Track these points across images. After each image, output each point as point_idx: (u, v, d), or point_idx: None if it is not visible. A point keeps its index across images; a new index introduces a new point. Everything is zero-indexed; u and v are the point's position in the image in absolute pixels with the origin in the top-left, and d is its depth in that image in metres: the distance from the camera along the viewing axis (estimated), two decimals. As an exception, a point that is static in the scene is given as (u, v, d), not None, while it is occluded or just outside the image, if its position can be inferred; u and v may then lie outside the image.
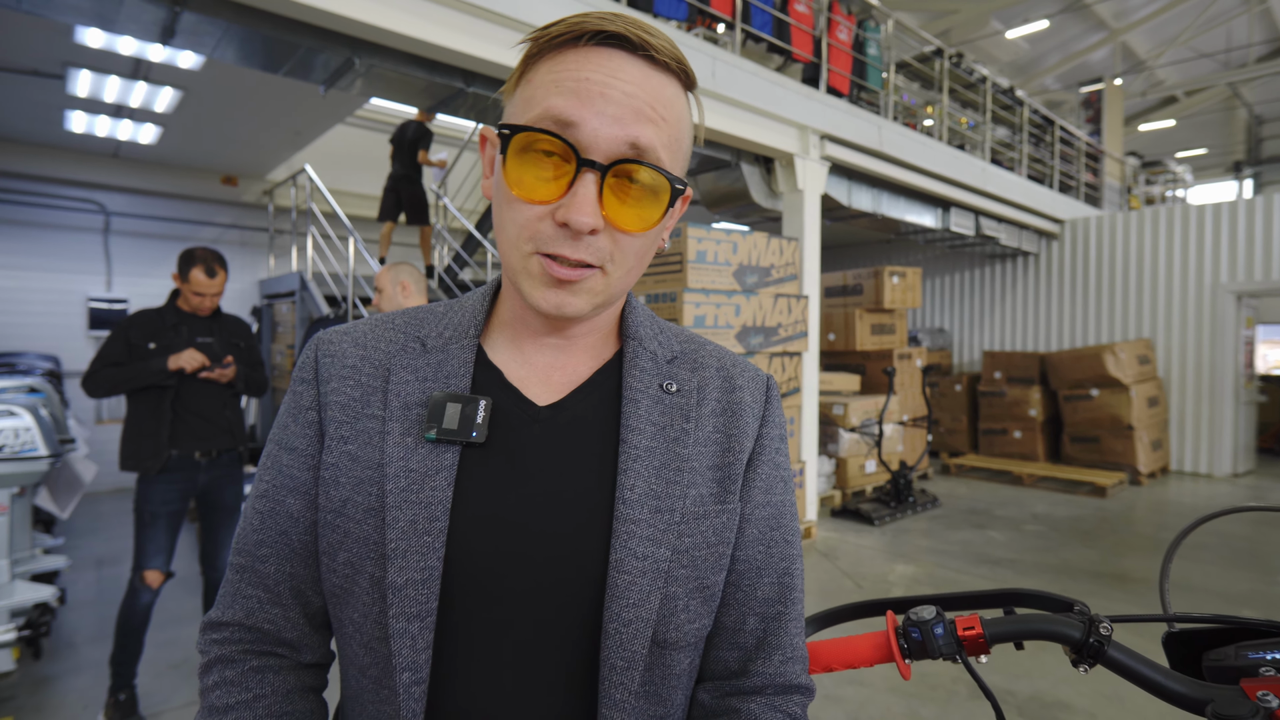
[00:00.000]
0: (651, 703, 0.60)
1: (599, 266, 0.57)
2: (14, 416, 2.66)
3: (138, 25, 3.24)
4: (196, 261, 2.72)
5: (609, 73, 0.54)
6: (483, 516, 0.59)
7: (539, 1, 3.80)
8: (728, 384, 0.67)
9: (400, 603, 0.56)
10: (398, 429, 0.60)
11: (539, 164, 0.55)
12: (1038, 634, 0.69)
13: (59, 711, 2.79)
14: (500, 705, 0.58)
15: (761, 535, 0.65)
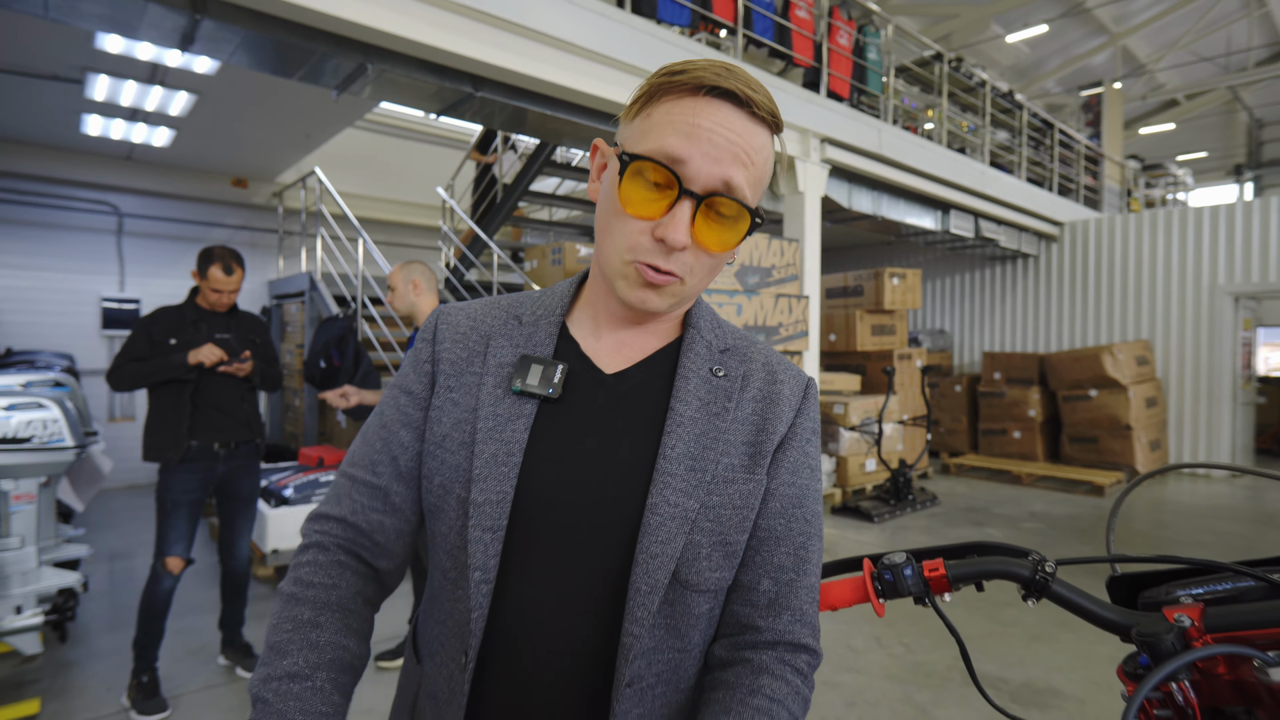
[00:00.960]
0: (672, 635, 0.70)
1: (679, 277, 0.69)
2: (43, 409, 2.77)
3: (158, 32, 3.36)
4: (215, 259, 2.83)
5: (716, 122, 0.65)
6: (550, 458, 0.71)
7: (546, 9, 3.91)
8: (770, 377, 0.78)
9: (478, 517, 0.69)
10: (491, 382, 0.74)
11: (648, 188, 0.67)
12: (993, 573, 0.79)
13: (83, 694, 2.90)
14: (547, 609, 0.69)
15: (783, 510, 0.74)
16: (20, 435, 2.73)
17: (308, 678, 0.66)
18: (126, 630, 3.52)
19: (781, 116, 0.70)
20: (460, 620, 0.71)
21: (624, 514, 0.70)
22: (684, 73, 0.67)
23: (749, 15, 5.30)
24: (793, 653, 0.71)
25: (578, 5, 4.08)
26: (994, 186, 7.66)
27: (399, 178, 8.52)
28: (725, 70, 0.67)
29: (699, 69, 0.67)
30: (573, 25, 4.06)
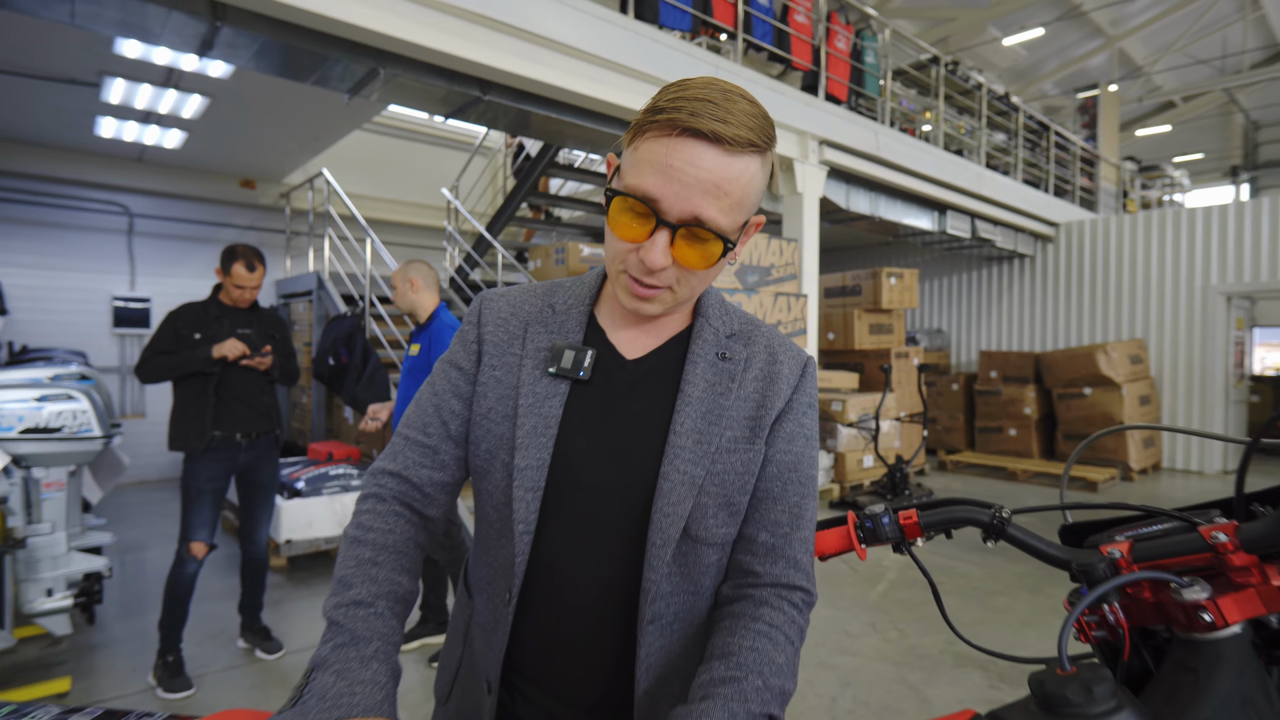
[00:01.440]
0: (686, 581, 0.82)
1: (668, 288, 0.79)
2: (73, 400, 2.89)
3: (179, 38, 3.49)
4: (238, 257, 2.95)
5: (687, 160, 0.71)
6: (580, 431, 0.83)
7: (552, 16, 4.04)
8: (771, 358, 0.89)
9: (521, 479, 0.81)
10: (530, 364, 0.86)
11: (631, 216, 0.76)
12: (958, 520, 0.91)
13: (109, 674, 3.02)
14: (579, 557, 0.82)
15: (779, 474, 0.85)
16: (51, 425, 2.85)
17: (370, 605, 0.78)
18: (147, 615, 3.64)
19: (767, 135, 0.76)
20: (505, 563, 0.83)
21: (642, 479, 0.81)
22: (663, 112, 0.72)
23: (748, 20, 5.43)
24: (789, 591, 0.82)
25: (582, 11, 4.21)
26: (990, 188, 7.79)
27: (404, 179, 8.65)
28: (703, 105, 0.71)
29: (676, 109, 0.71)
30: (577, 31, 4.18)
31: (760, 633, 0.77)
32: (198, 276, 7.33)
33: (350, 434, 6.17)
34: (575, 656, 0.84)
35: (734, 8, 5.27)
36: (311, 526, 4.37)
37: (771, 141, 0.77)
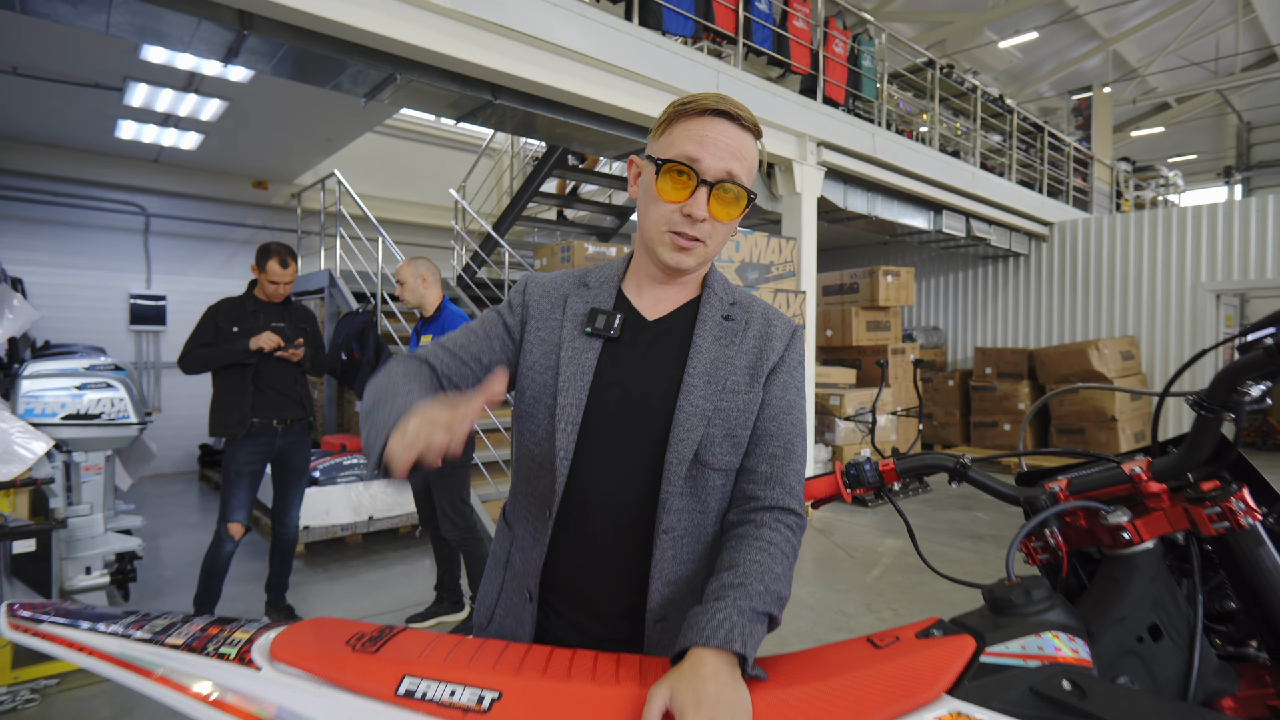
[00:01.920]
0: (695, 500, 1.00)
1: (703, 241, 0.99)
2: (111, 389, 3.06)
3: (207, 45, 3.66)
4: (273, 254, 3.13)
5: (718, 133, 0.96)
6: (611, 380, 1.02)
7: (560, 23, 4.21)
8: (767, 322, 1.08)
9: (563, 415, 0.99)
10: (570, 326, 1.04)
11: (675, 181, 0.96)
12: (927, 466, 1.08)
13: (144, 648, 3.19)
14: (608, 481, 1.00)
15: (775, 415, 1.04)
16: (91, 412, 3.02)
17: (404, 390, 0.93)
18: (171, 596, 3.82)
19: (759, 128, 1.01)
20: (546, 489, 1.01)
21: (661, 415, 1.00)
22: (693, 102, 0.98)
23: (748, 25, 5.60)
24: (785, 514, 1.00)
25: (589, 19, 4.38)
26: (984, 188, 7.96)
27: (412, 180, 8.82)
28: (720, 98, 0.97)
29: (703, 99, 0.97)
30: (584, 37, 4.35)
31: (761, 549, 0.94)
32: (212, 275, 7.50)
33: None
34: (602, 568, 1.01)
35: (734, 14, 5.43)
36: (329, 514, 4.54)
37: (760, 131, 1.02)
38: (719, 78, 5.11)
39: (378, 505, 4.77)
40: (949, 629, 0.86)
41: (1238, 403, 0.81)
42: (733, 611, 0.85)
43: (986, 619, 0.87)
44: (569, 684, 0.82)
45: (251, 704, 0.79)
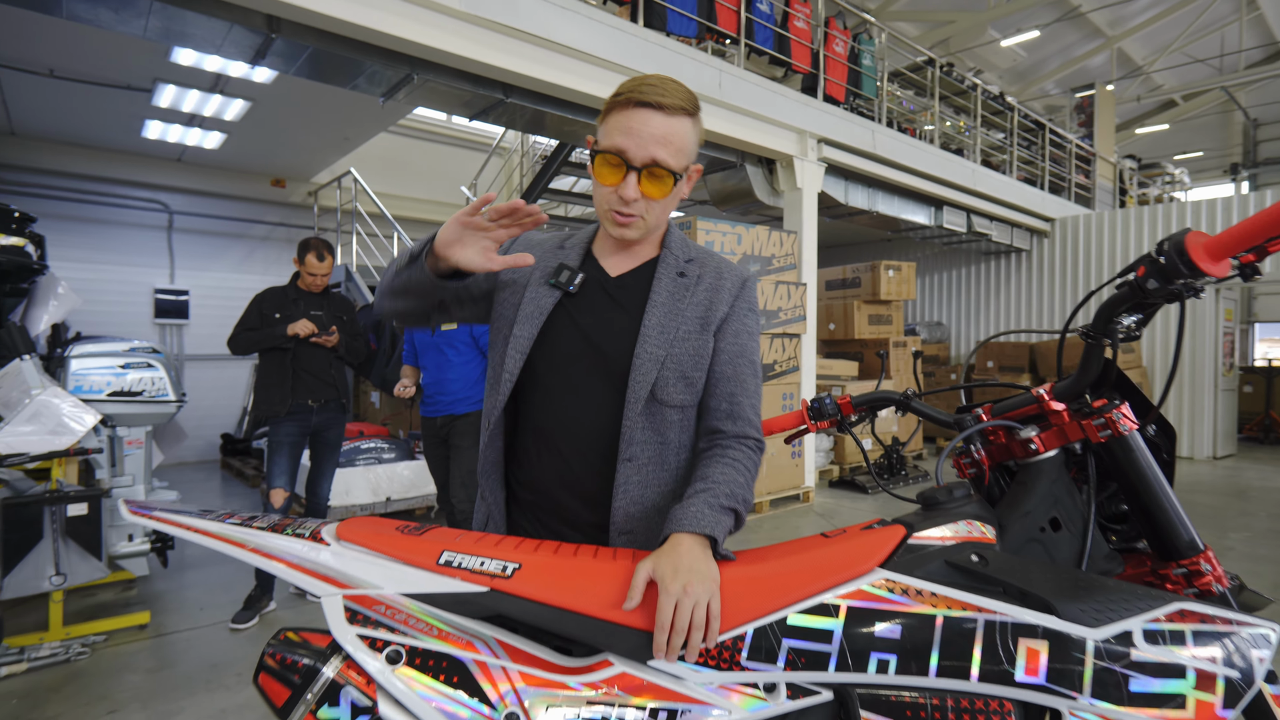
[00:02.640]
0: (654, 432, 1.16)
1: (640, 216, 1.13)
2: (152, 369, 3.29)
3: (237, 48, 3.89)
4: (311, 249, 3.36)
5: (641, 122, 1.06)
6: (568, 323, 1.18)
7: (569, 25, 4.41)
8: (718, 275, 1.24)
9: (514, 344, 1.16)
10: (537, 276, 1.21)
11: (609, 167, 1.09)
12: (878, 399, 1.27)
13: (180, 610, 3.42)
14: (572, 412, 1.17)
15: (730, 359, 1.20)
16: (134, 390, 3.25)
17: None
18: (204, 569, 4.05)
19: (693, 104, 1.11)
20: (491, 406, 1.20)
21: (620, 358, 1.16)
22: (621, 94, 1.08)
23: (750, 26, 5.79)
24: (744, 439, 1.17)
25: (596, 20, 4.58)
26: (984, 184, 8.11)
27: (424, 178, 9.06)
28: (648, 86, 1.06)
29: (629, 89, 1.07)
30: (592, 38, 4.55)
31: (726, 464, 1.12)
32: (232, 270, 7.76)
33: (376, 416, 6.57)
34: (574, 486, 1.18)
35: (737, 15, 5.63)
36: (349, 494, 4.76)
37: (697, 109, 1.14)
38: (721, 77, 5.30)
39: (395, 487, 4.99)
40: (886, 523, 1.05)
41: (1113, 331, 0.99)
42: (703, 505, 1.04)
43: (917, 514, 1.06)
44: (574, 560, 1.02)
45: (323, 569, 0.99)
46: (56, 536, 2.80)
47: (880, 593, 0.95)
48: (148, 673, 2.84)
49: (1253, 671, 0.87)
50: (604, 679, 0.93)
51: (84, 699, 2.63)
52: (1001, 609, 0.91)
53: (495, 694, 0.90)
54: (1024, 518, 1.05)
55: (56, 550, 2.79)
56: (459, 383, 3.39)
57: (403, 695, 0.88)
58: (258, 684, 0.92)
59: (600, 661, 0.95)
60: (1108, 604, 0.90)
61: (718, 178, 6.40)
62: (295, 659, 0.92)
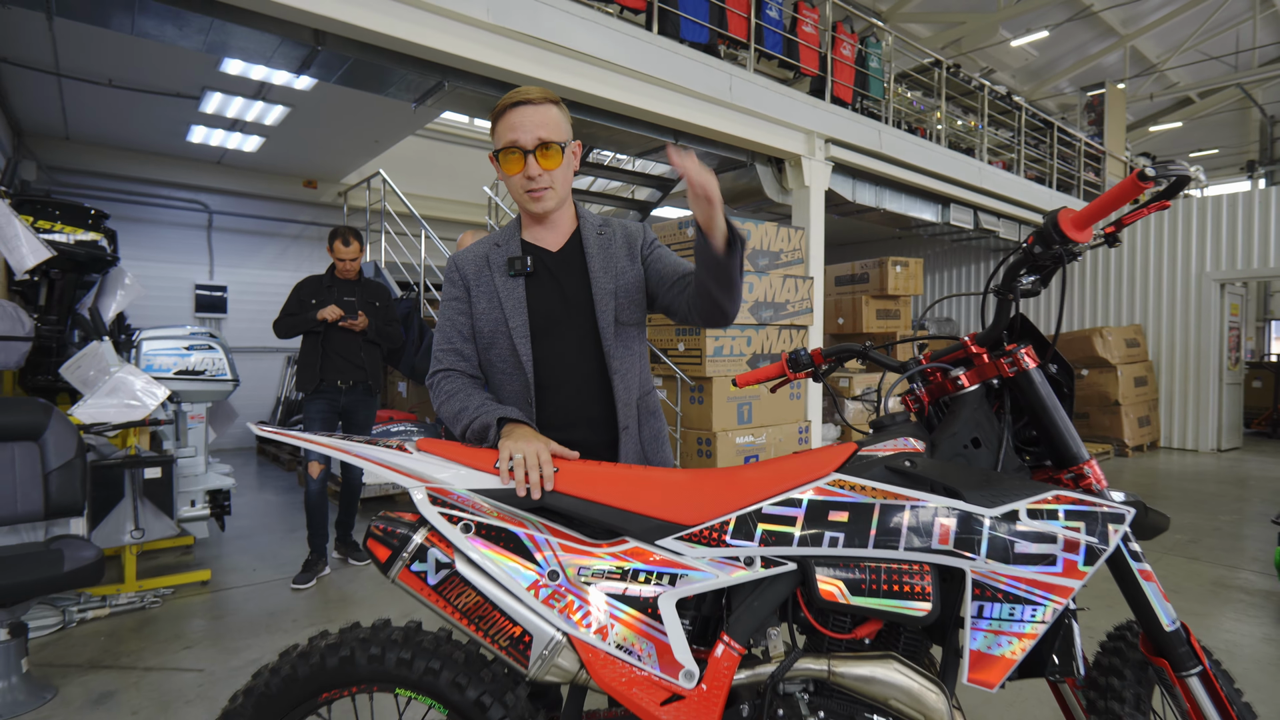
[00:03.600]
0: (625, 348, 1.52)
1: (549, 187, 1.46)
2: (212, 350, 3.64)
3: (284, 60, 4.23)
4: (336, 236, 3.68)
5: (520, 118, 1.41)
6: (540, 298, 1.50)
7: (588, 34, 4.72)
8: (625, 230, 1.58)
9: (516, 333, 1.48)
10: (498, 274, 1.51)
11: (511, 159, 1.43)
12: (844, 351, 1.56)
13: (236, 571, 3.77)
14: (569, 362, 1.49)
15: (663, 265, 1.54)
16: (197, 369, 3.61)
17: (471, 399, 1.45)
18: (253, 536, 4.41)
19: (552, 96, 1.44)
20: (521, 387, 1.50)
21: (586, 305, 1.50)
22: (499, 106, 1.44)
23: (760, 32, 6.07)
24: None
25: (613, 29, 4.89)
26: (991, 181, 8.32)
27: (447, 178, 9.42)
28: (516, 93, 1.43)
29: (503, 101, 1.43)
30: (610, 46, 4.86)
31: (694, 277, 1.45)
32: (266, 267, 8.16)
33: (404, 405, 6.93)
34: (581, 417, 1.52)
35: (747, 21, 5.91)
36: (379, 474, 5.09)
37: (558, 100, 1.46)
38: (732, 81, 5.58)
39: (424, 467, 5.33)
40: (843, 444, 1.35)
41: (1016, 288, 1.28)
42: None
43: (867, 436, 1.36)
44: (597, 468, 1.32)
45: (407, 469, 1.30)
46: (135, 496, 3.16)
47: (833, 489, 1.25)
48: (213, 619, 3.18)
49: (1108, 538, 1.15)
50: (623, 550, 1.23)
51: (161, 638, 2.98)
52: (923, 498, 1.20)
53: (541, 556, 1.21)
54: (951, 437, 1.33)
55: (135, 508, 3.14)
56: None
57: (474, 554, 1.19)
58: (366, 547, 1.24)
59: (619, 540, 1.25)
60: (1002, 492, 1.19)
61: (729, 177, 6.68)
62: (394, 529, 1.23)
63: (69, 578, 2.33)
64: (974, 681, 1.14)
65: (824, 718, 1.21)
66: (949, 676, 1.23)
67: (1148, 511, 1.42)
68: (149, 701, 2.45)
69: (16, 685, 2.38)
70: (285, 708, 1.27)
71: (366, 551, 1.24)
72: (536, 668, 1.17)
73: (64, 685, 2.55)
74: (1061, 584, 1.13)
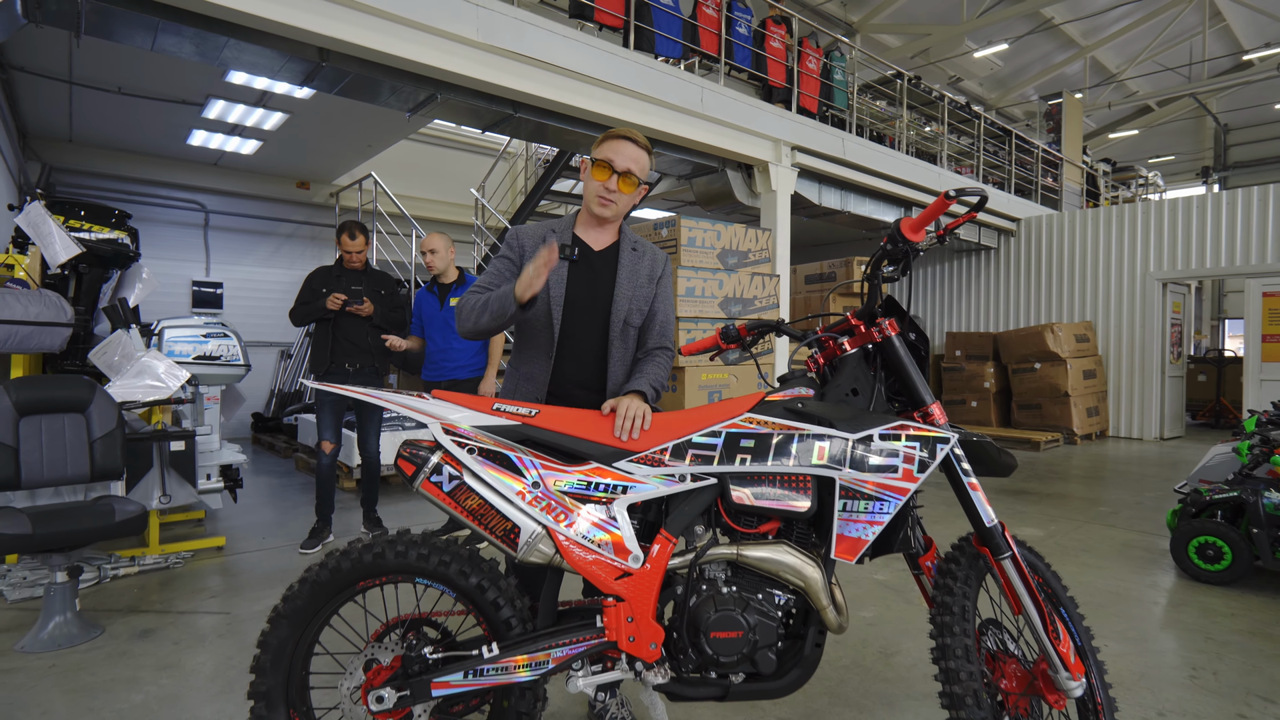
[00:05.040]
0: (624, 345, 1.95)
1: (615, 201, 1.92)
2: (227, 337, 4.02)
3: (290, 74, 4.62)
4: (343, 230, 4.05)
5: (623, 147, 1.87)
6: (575, 281, 1.94)
7: (570, 50, 5.15)
8: (653, 254, 2.03)
9: (554, 300, 1.91)
10: None
11: (602, 170, 1.89)
12: (764, 325, 2.00)
13: (247, 538, 4.15)
14: (583, 334, 1.93)
15: (661, 304, 1.99)
16: (213, 354, 3.98)
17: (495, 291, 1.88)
18: (259, 511, 4.78)
19: (648, 145, 1.91)
20: (546, 341, 1.93)
21: (606, 302, 1.93)
22: (613, 131, 1.90)
23: (730, 47, 6.52)
24: (662, 350, 1.94)
25: (593, 46, 5.32)
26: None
27: (434, 180, 9.79)
28: (629, 131, 1.88)
29: (618, 130, 1.88)
30: (590, 62, 5.29)
31: (653, 364, 1.89)
32: (260, 265, 8.49)
33: (396, 395, 7.29)
34: (583, 378, 1.94)
35: (718, 38, 6.36)
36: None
37: (651, 149, 1.92)
38: (703, 93, 6.03)
39: (416, 451, 5.73)
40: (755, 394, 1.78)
41: (881, 275, 1.72)
42: (640, 381, 1.80)
43: (774, 388, 1.79)
44: (569, 412, 1.75)
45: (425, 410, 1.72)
46: (163, 466, 3.53)
47: (744, 424, 1.68)
48: (232, 576, 3.57)
49: (936, 455, 1.60)
50: (588, 470, 1.66)
51: (187, 591, 3.36)
52: (809, 428, 1.64)
53: (527, 472, 1.63)
54: (835, 388, 1.78)
55: (163, 476, 3.52)
56: (465, 353, 3.96)
57: (477, 469, 1.61)
58: (396, 465, 1.66)
59: (585, 462, 1.68)
60: (864, 423, 1.63)
61: (703, 181, 7.13)
62: (417, 452, 1.65)
63: (119, 527, 2.71)
64: (839, 556, 1.58)
65: (735, 589, 1.64)
66: (827, 558, 1.67)
67: (1000, 452, 1.88)
68: (186, 635, 2.84)
69: (71, 621, 2.76)
70: (332, 592, 1.68)
71: (397, 469, 1.66)
72: (523, 552, 1.59)
73: (109, 624, 2.93)
74: (902, 485, 1.58)
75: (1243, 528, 3.53)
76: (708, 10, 6.31)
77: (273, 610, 1.67)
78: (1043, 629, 1.66)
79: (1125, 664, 2.64)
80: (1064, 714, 1.80)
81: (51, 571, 2.72)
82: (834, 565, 1.68)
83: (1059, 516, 4.97)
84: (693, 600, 1.65)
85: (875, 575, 3.68)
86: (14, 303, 3.06)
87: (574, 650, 1.62)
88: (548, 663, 1.62)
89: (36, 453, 2.86)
